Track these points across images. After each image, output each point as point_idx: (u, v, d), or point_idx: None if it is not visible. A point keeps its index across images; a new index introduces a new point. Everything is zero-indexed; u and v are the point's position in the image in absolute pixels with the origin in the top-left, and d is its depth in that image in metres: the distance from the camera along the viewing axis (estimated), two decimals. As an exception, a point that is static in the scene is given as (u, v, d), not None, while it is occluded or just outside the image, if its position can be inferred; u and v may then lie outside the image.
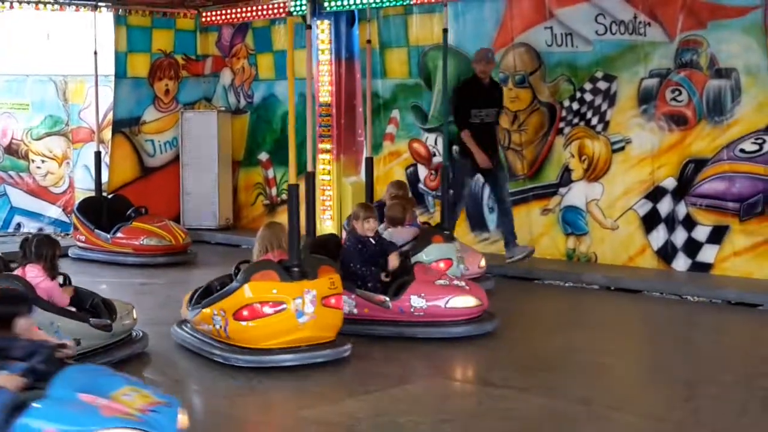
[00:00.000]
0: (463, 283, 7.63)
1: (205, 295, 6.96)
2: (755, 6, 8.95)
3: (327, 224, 11.79)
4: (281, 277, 6.46)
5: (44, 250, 6.58)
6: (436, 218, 11.40)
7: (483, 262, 9.20)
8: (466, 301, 7.38)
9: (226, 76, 13.56)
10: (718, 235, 9.30)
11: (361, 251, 7.60)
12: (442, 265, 8.23)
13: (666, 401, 5.81)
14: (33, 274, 6.46)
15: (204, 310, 6.76)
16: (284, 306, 6.39)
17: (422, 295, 7.30)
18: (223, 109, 13.41)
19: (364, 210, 7.80)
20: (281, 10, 12.30)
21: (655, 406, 5.68)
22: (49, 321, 6.01)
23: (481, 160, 9.94)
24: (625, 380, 6.47)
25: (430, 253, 8.32)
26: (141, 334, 7.04)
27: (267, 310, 6.39)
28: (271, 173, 13.14)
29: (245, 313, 6.42)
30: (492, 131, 10.10)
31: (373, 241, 7.72)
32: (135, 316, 7.04)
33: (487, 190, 10.90)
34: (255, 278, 6.47)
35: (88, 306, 6.75)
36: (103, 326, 6.59)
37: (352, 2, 11.26)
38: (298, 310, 6.40)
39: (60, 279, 6.74)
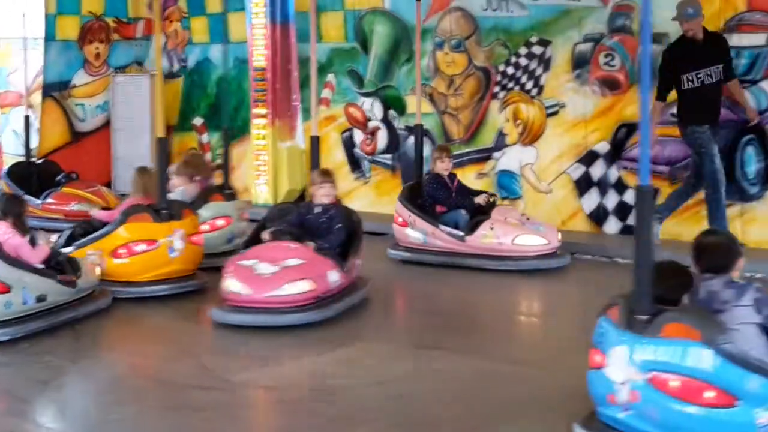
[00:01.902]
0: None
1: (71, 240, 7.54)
2: (687, -29, 9.02)
3: (262, 189, 11.67)
4: (154, 218, 7.42)
5: (11, 207, 6.60)
6: (374, 182, 11.43)
7: (559, 236, 8.79)
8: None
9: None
10: (649, 199, 9.42)
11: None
12: (221, 222, 8.55)
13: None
14: (1, 231, 6.40)
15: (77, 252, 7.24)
16: (158, 243, 7.36)
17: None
18: (155, 72, 13.19)
19: (320, 175, 7.59)
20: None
21: (581, 367, 5.76)
22: (16, 277, 6.21)
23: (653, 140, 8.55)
24: (554, 341, 6.55)
25: (209, 209, 8.55)
26: (103, 289, 7.15)
27: (142, 247, 7.31)
28: (205, 138, 13.00)
29: (122, 251, 7.28)
30: (716, 94, 8.45)
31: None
32: (98, 273, 7.12)
33: (423, 153, 10.87)
34: (130, 220, 7.35)
35: (53, 263, 6.77)
36: (69, 282, 6.66)
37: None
38: (169, 247, 7.37)
39: (32, 237, 6.69)
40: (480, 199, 8.87)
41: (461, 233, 8.62)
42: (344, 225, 7.26)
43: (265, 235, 7.09)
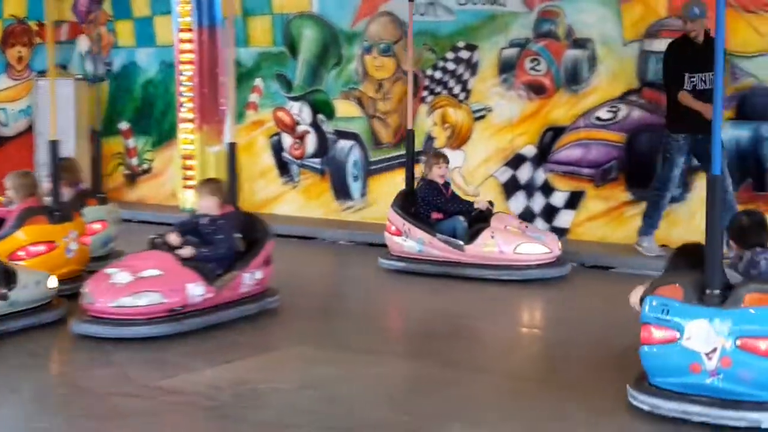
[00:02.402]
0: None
1: None
2: (611, -23, 9.20)
3: (189, 194, 11.56)
4: (49, 220, 7.38)
5: None
6: (302, 186, 11.39)
7: (560, 244, 8.57)
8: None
9: (82, 43, 13.13)
10: (574, 201, 9.57)
11: None
12: (97, 226, 8.38)
13: (528, 363, 5.95)
14: None
15: None
16: (56, 244, 7.37)
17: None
18: (80, 77, 12.98)
19: (202, 186, 7.27)
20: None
21: (517, 368, 5.82)
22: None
23: (706, 111, 7.90)
24: (489, 343, 6.59)
25: (87, 215, 8.29)
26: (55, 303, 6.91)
27: (41, 249, 7.28)
28: (131, 143, 12.82)
29: (21, 253, 7.17)
30: (705, 101, 8.01)
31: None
32: (51, 285, 6.86)
33: (352, 157, 10.95)
34: (28, 223, 7.26)
35: None
36: None
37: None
38: (66, 248, 7.42)
39: None
40: (481, 205, 8.61)
41: (460, 242, 8.35)
42: (227, 237, 6.82)
43: (171, 236, 6.81)
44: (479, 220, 8.48)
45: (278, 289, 7.24)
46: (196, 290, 6.53)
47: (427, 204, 8.64)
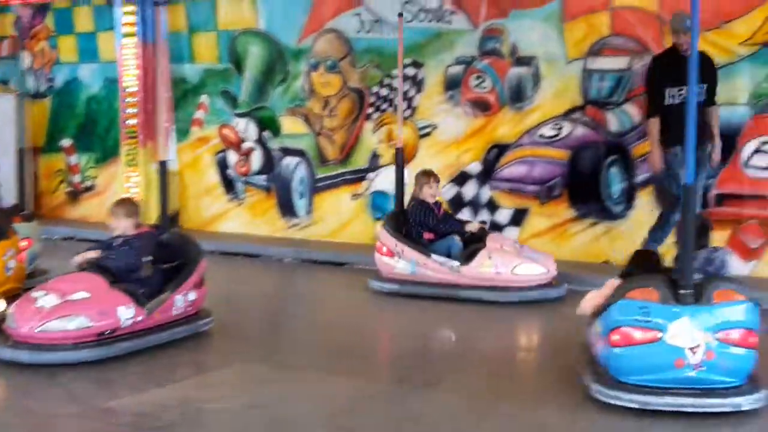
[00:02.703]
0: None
1: None
2: (554, -4, 9.32)
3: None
4: None
5: None
6: (248, 203, 11.35)
7: (555, 264, 8.34)
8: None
9: (24, 59, 12.97)
10: (518, 218, 9.65)
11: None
12: (24, 243, 8.13)
13: (474, 379, 5.97)
14: None
15: None
16: None
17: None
18: (21, 93, 12.80)
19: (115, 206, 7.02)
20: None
21: (464, 384, 5.84)
22: None
23: (652, 162, 8.28)
24: (435, 359, 6.60)
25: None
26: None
27: None
28: (74, 160, 12.66)
29: None
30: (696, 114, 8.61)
31: None
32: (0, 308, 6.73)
33: (298, 174, 10.94)
34: None
35: None
36: None
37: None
38: (5, 265, 7.44)
39: None
40: (472, 227, 8.43)
41: (456, 263, 8.14)
42: (132, 252, 6.57)
43: (78, 258, 6.66)
44: (473, 240, 8.32)
45: (212, 311, 7.09)
46: (127, 313, 6.35)
47: (418, 224, 8.44)
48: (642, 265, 5.75)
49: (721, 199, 8.64)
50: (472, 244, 8.24)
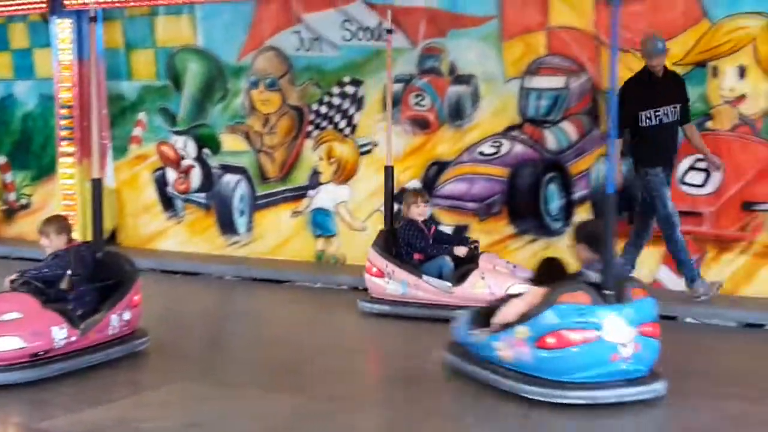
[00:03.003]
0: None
1: None
2: (492, 16, 9.42)
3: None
4: None
5: None
6: (187, 221, 11.26)
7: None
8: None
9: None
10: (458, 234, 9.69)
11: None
12: None
13: (411, 395, 5.98)
14: None
15: None
16: None
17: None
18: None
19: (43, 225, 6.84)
20: (19, 7, 11.68)
21: (401, 400, 5.85)
22: None
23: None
24: (373, 376, 6.61)
25: None
26: None
27: None
28: (9, 177, 12.45)
29: None
30: (672, 133, 8.21)
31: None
32: None
33: (239, 191, 10.89)
34: None
35: None
36: None
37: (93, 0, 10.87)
38: None
39: None
40: (460, 251, 8.17)
41: (449, 284, 7.95)
42: (56, 263, 6.51)
43: (6, 282, 6.51)
44: (464, 260, 8.12)
45: (149, 330, 7.01)
46: (60, 333, 6.21)
47: (407, 245, 8.29)
48: (550, 272, 6.12)
49: (656, 215, 8.78)
50: (464, 265, 8.05)
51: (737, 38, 8.32)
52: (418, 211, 8.34)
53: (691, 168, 8.64)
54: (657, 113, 8.07)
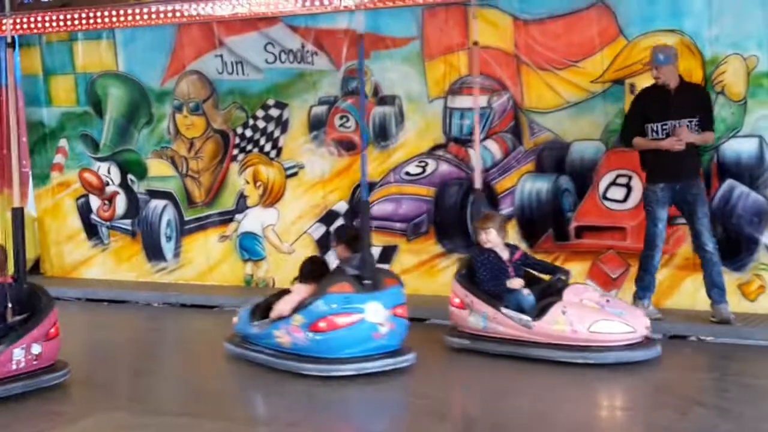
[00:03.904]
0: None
1: None
2: (413, 37, 9.50)
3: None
4: None
5: None
6: (113, 248, 11.09)
7: (648, 322, 7.26)
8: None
9: None
10: (387, 255, 9.73)
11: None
12: None
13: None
14: None
15: None
16: None
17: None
18: None
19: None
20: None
21: (329, 423, 5.82)
22: None
23: (668, 144, 7.77)
24: (302, 399, 6.58)
25: None
26: None
27: None
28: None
29: None
30: (682, 150, 7.80)
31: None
32: None
33: (166, 217, 10.79)
34: None
35: None
36: None
37: (10, 26, 10.70)
38: None
39: None
40: (514, 284, 7.34)
41: (528, 318, 7.16)
42: None
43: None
44: (551, 292, 7.34)
45: (70, 361, 6.82)
46: None
47: (478, 275, 7.54)
48: (312, 270, 7.23)
49: (580, 231, 8.92)
50: (550, 297, 7.27)
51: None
52: (485, 238, 7.47)
53: (613, 184, 8.79)
54: (665, 127, 7.85)
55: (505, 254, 7.52)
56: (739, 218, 8.25)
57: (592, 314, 7.04)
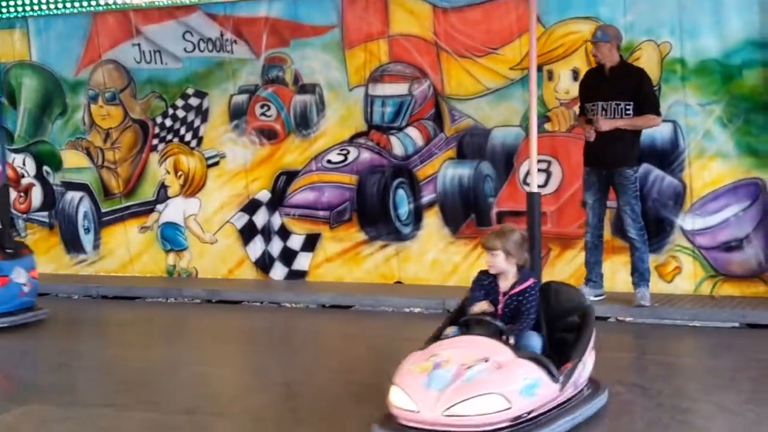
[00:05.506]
0: None
1: None
2: (333, 25, 9.50)
3: None
4: None
5: None
6: (30, 241, 10.89)
7: None
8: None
9: None
10: (311, 243, 9.73)
11: None
12: None
13: (266, 403, 5.97)
14: None
15: None
16: None
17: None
18: None
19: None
20: None
21: (256, 409, 5.82)
22: None
23: (586, 132, 7.88)
24: (227, 387, 6.56)
25: None
26: None
27: None
28: None
29: None
30: (610, 132, 7.76)
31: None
32: None
33: (82, 208, 10.63)
34: None
35: None
36: None
37: None
38: None
39: None
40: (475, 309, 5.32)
41: None
42: None
43: None
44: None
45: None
46: None
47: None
48: None
49: (501, 216, 9.04)
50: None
51: (570, 42, 8.65)
52: (490, 262, 5.38)
53: (532, 169, 8.91)
54: (593, 107, 7.90)
55: (506, 283, 5.38)
56: (655, 201, 8.45)
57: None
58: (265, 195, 9.92)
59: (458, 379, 4.74)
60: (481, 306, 5.32)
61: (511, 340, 5.08)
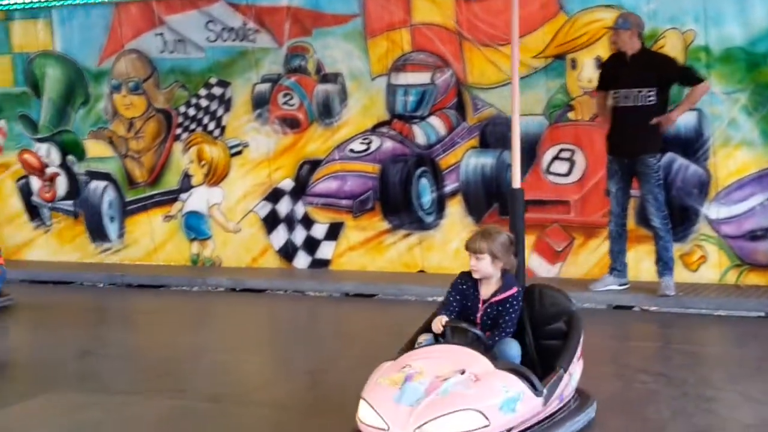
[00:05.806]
0: None
1: None
2: (355, 14, 9.49)
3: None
4: None
5: None
6: (56, 230, 10.98)
7: None
8: None
9: None
10: (334, 232, 9.76)
11: None
12: None
13: (291, 392, 6.00)
14: None
15: None
16: None
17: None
18: None
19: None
20: None
21: (281, 398, 5.85)
22: None
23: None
24: (251, 376, 6.59)
25: None
26: None
27: None
28: None
29: None
30: (632, 120, 7.78)
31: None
32: None
33: (107, 198, 10.70)
34: None
35: None
36: None
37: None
38: None
39: None
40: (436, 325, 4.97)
41: None
42: None
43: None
44: None
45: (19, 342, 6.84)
46: None
47: None
48: None
49: (524, 205, 8.99)
50: None
51: (593, 31, 8.61)
52: (474, 266, 5.01)
53: (556, 158, 8.90)
54: (616, 95, 7.89)
55: (488, 290, 5.05)
56: (680, 190, 8.41)
57: None
58: (288, 184, 9.94)
59: (432, 393, 4.32)
60: (436, 325, 4.92)
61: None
